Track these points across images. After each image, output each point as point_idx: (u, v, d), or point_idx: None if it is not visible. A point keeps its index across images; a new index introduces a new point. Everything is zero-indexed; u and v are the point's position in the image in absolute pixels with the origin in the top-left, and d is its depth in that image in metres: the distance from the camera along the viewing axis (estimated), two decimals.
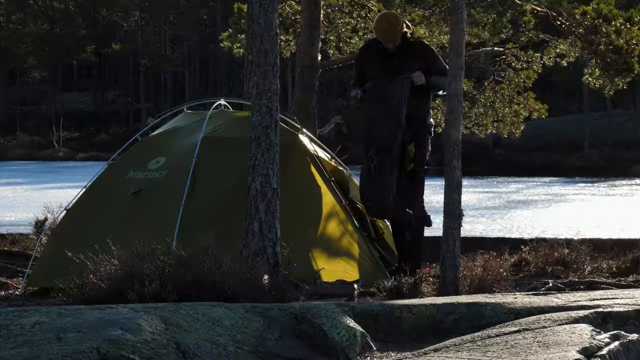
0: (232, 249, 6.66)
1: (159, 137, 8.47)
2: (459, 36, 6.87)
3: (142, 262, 5.54)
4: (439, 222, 7.05)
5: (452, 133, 6.78)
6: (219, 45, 16.30)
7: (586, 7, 11.60)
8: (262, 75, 6.87)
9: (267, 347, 4.59)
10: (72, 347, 3.93)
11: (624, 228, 17.08)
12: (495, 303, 5.34)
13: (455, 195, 6.77)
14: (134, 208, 7.68)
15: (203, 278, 5.48)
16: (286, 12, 12.81)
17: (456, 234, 6.74)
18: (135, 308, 4.57)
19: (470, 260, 7.73)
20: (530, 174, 40.23)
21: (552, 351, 4.03)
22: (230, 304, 4.99)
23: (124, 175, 8.00)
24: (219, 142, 7.92)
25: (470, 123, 13.38)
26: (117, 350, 3.96)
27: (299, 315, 4.89)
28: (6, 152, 52.66)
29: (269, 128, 6.86)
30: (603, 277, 8.36)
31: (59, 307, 4.61)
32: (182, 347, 4.22)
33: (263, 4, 6.88)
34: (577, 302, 5.38)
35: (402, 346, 5.04)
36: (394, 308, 5.24)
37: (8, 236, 11.59)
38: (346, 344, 4.75)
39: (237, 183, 7.49)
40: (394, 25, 8.10)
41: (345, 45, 12.71)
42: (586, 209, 21.64)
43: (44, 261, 7.76)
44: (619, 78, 11.62)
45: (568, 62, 12.57)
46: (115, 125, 59.31)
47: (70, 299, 5.56)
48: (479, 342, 4.47)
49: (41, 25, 62.34)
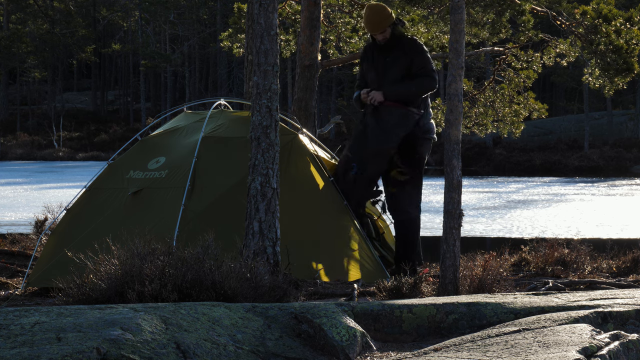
0: (232, 249, 6.67)
1: (159, 137, 8.48)
2: (459, 36, 6.87)
3: (142, 262, 5.54)
4: (439, 222, 7.04)
5: (452, 133, 6.78)
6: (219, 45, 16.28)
7: (586, 7, 11.60)
8: (262, 75, 6.88)
9: (267, 347, 4.59)
10: (72, 347, 3.93)
11: (624, 228, 17.08)
12: (495, 303, 5.34)
13: (455, 195, 6.77)
14: (134, 208, 7.68)
15: (203, 278, 5.48)
16: (286, 12, 12.82)
17: (456, 234, 6.74)
18: (135, 308, 4.57)
19: (470, 260, 7.73)
20: (530, 174, 40.24)
21: (552, 351, 4.03)
22: (230, 304, 4.99)
23: (124, 175, 8.01)
24: (219, 142, 7.92)
25: (470, 123, 13.39)
26: (117, 350, 3.96)
27: (299, 315, 4.89)
28: (6, 152, 52.69)
29: (269, 128, 6.86)
30: (603, 277, 8.36)
31: (59, 307, 4.61)
32: (182, 347, 4.22)
33: (263, 3, 6.89)
34: (577, 302, 5.38)
35: (402, 346, 5.04)
36: (394, 308, 5.24)
37: (8, 236, 11.60)
38: (346, 343, 4.75)
39: (237, 183, 7.50)
40: (379, 16, 8.05)
41: (345, 45, 12.71)
42: (586, 209, 21.63)
43: (43, 261, 7.77)
44: (619, 78, 11.62)
45: (568, 62, 12.57)
46: (115, 125, 59.32)
47: (70, 299, 5.55)
48: (479, 342, 4.47)
49: (41, 25, 62.33)
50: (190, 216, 7.37)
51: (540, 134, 49.81)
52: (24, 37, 59.67)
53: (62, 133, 56.66)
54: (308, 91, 10.70)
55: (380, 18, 8.07)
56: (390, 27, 8.10)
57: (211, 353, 4.30)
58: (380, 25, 8.08)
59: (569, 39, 12.16)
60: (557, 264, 8.50)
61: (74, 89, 74.20)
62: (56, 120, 58.64)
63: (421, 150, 8.10)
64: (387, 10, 8.13)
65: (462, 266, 6.99)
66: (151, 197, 7.70)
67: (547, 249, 8.74)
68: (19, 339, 4.01)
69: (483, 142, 46.74)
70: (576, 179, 36.07)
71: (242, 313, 4.83)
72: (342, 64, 12.41)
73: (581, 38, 11.71)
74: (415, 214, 8.06)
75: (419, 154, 8.08)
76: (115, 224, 7.34)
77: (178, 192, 7.54)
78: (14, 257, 9.51)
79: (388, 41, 8.12)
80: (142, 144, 8.41)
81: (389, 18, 8.07)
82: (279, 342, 4.67)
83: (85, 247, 6.57)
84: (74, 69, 74.25)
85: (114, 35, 69.93)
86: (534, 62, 12.74)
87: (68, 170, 39.19)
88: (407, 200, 8.03)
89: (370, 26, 8.14)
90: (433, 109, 13.55)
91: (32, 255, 8.62)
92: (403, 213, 8.03)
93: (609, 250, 10.01)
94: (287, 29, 13.55)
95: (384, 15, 8.07)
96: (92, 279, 5.59)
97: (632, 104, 54.62)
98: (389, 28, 8.10)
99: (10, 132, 58.00)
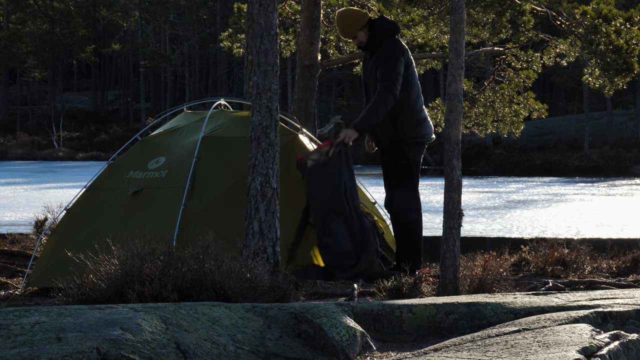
0: (232, 249, 6.67)
1: (159, 137, 8.48)
2: (459, 36, 6.87)
3: (142, 262, 5.54)
4: (439, 222, 7.04)
5: (452, 133, 6.78)
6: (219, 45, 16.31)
7: (586, 7, 11.60)
8: (262, 75, 6.88)
9: (267, 347, 4.59)
10: (72, 347, 3.93)
11: (624, 228, 17.08)
12: (495, 303, 5.34)
13: (455, 195, 6.77)
14: (134, 208, 7.68)
15: (203, 278, 5.48)
16: (286, 12, 12.82)
17: (456, 234, 6.74)
18: (135, 308, 4.57)
19: (470, 260, 7.73)
20: (530, 174, 40.24)
21: (552, 351, 4.03)
22: (230, 304, 4.99)
23: (124, 175, 8.01)
24: (218, 142, 7.92)
25: (470, 123, 13.38)
26: (117, 350, 3.96)
27: (299, 315, 4.89)
28: (6, 152, 52.71)
29: (269, 128, 6.86)
30: (603, 277, 8.37)
31: (59, 307, 4.61)
32: (182, 347, 4.22)
33: (263, 3, 6.89)
34: (577, 302, 5.39)
35: (402, 346, 5.04)
36: (394, 308, 5.24)
37: (8, 236, 11.60)
38: (346, 343, 4.75)
39: (237, 183, 7.50)
40: (344, 21, 7.93)
41: (345, 45, 12.71)
42: (586, 209, 21.63)
43: (43, 261, 7.76)
44: (619, 78, 11.62)
45: (568, 62, 12.57)
46: (115, 125, 59.34)
47: (70, 299, 5.55)
48: (479, 342, 4.47)
49: (41, 25, 62.34)
50: (190, 216, 7.37)
51: (540, 134, 49.82)
52: (24, 37, 59.70)
53: (62, 133, 56.68)
54: (308, 91, 10.70)
55: (346, 23, 7.93)
56: (365, 30, 7.94)
57: (211, 353, 4.30)
58: (349, 30, 7.94)
59: (569, 39, 12.16)
60: (557, 264, 8.50)
61: (74, 89, 74.23)
62: (56, 120, 58.66)
63: (409, 155, 7.96)
64: (355, 14, 7.94)
65: (462, 266, 6.99)
66: (151, 197, 7.70)
67: (547, 249, 8.74)
68: (19, 339, 4.01)
69: (483, 142, 46.75)
70: (576, 179, 36.07)
71: (242, 313, 4.83)
72: (342, 64, 12.41)
73: (581, 38, 11.71)
74: (413, 217, 7.97)
75: (406, 159, 7.97)
76: (115, 224, 7.34)
77: (178, 192, 7.54)
78: (14, 257, 9.51)
79: (368, 44, 7.96)
80: (142, 144, 8.41)
81: (358, 22, 7.89)
82: (279, 342, 4.68)
83: (85, 247, 6.58)
84: (74, 69, 74.28)
85: (114, 35, 69.95)
86: (534, 62, 12.74)
87: (68, 170, 39.19)
88: (401, 204, 7.96)
89: (340, 31, 8.05)
90: (433, 109, 13.56)
91: (32, 255, 8.62)
92: (400, 215, 7.96)
93: (609, 250, 10.02)
94: (287, 29, 13.55)
95: (351, 19, 7.91)
96: (92, 279, 5.59)
97: (632, 104, 54.63)
98: (362, 32, 7.94)
99: (10, 132, 58.02)
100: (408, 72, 7.93)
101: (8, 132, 57.81)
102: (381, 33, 7.90)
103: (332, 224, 7.48)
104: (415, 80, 8.05)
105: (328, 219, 7.48)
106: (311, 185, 7.57)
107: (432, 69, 13.93)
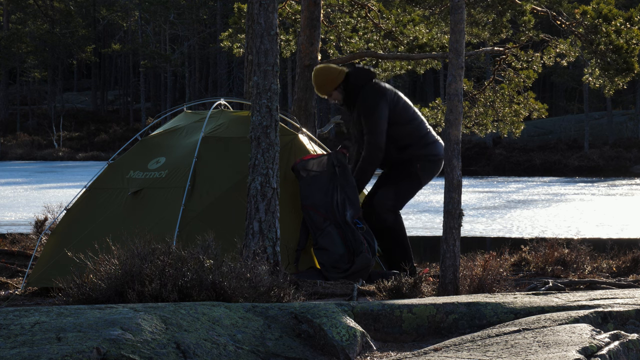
0: (232, 249, 6.67)
1: (159, 137, 8.47)
2: (459, 36, 6.87)
3: (142, 262, 5.54)
4: (439, 222, 7.04)
5: (452, 133, 6.78)
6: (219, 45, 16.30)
7: (586, 7, 11.61)
8: (262, 75, 6.88)
9: (267, 347, 4.59)
10: (72, 347, 3.93)
11: (624, 228, 17.09)
12: (495, 303, 5.34)
13: (455, 195, 6.77)
14: (134, 208, 7.68)
15: (203, 278, 5.47)
16: (286, 12, 12.82)
17: (456, 234, 6.74)
18: (135, 308, 4.57)
19: (470, 260, 7.73)
20: (530, 174, 40.25)
21: (552, 351, 4.03)
22: (230, 304, 4.98)
23: (124, 175, 8.01)
24: (218, 142, 7.92)
25: (470, 123, 13.39)
26: (117, 350, 3.96)
27: (299, 315, 4.89)
28: (6, 152, 52.71)
29: (269, 128, 6.86)
30: (603, 277, 8.36)
31: (59, 307, 4.61)
32: (182, 347, 4.22)
33: (263, 3, 6.89)
34: (577, 302, 5.38)
35: (402, 346, 5.04)
36: (394, 308, 5.24)
37: (8, 236, 11.60)
38: (346, 343, 4.75)
39: (237, 183, 7.50)
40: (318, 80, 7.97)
41: (345, 45, 12.72)
42: (586, 209, 21.64)
43: (43, 261, 7.76)
44: (619, 78, 11.62)
45: (568, 62, 12.57)
46: (115, 125, 59.33)
47: (70, 299, 5.55)
48: (479, 341, 4.47)
49: (41, 25, 62.34)
50: (190, 216, 7.37)
51: (540, 134, 49.83)
52: (24, 37, 59.70)
53: (62, 133, 56.68)
54: (308, 91, 10.70)
55: (320, 83, 7.97)
56: (340, 89, 7.94)
57: (211, 353, 4.30)
58: (322, 89, 7.98)
59: (569, 39, 12.16)
60: (557, 263, 8.50)
61: (74, 89, 74.22)
62: (56, 120, 58.66)
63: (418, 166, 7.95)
64: (329, 74, 7.94)
65: (462, 266, 6.99)
66: (151, 197, 7.70)
67: (547, 248, 8.74)
68: (19, 339, 4.01)
69: (483, 142, 46.76)
70: (576, 179, 36.08)
71: (242, 313, 4.83)
72: (342, 63, 12.41)
73: (581, 38, 11.71)
74: (389, 220, 7.90)
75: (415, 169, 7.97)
76: (115, 224, 7.33)
77: (178, 192, 7.54)
78: (14, 257, 9.51)
79: (346, 100, 7.97)
80: (142, 144, 8.41)
81: (332, 82, 7.91)
82: (279, 342, 4.67)
83: (85, 247, 6.57)
84: (74, 69, 74.27)
85: (113, 35, 69.96)
86: (534, 62, 12.74)
87: (68, 170, 39.20)
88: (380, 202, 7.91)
89: (315, 89, 8.09)
90: (433, 109, 13.57)
91: (32, 255, 8.61)
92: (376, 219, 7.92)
93: (609, 250, 10.02)
94: (287, 29, 13.56)
95: (325, 79, 7.94)
96: (92, 279, 5.59)
97: (632, 104, 54.63)
98: (336, 91, 7.95)
99: (10, 132, 58.02)
100: (398, 108, 7.94)
101: (8, 132, 57.81)
102: (357, 85, 7.91)
103: (328, 227, 7.52)
104: (412, 110, 8.05)
105: (324, 223, 7.53)
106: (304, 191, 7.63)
107: (432, 69, 13.94)
